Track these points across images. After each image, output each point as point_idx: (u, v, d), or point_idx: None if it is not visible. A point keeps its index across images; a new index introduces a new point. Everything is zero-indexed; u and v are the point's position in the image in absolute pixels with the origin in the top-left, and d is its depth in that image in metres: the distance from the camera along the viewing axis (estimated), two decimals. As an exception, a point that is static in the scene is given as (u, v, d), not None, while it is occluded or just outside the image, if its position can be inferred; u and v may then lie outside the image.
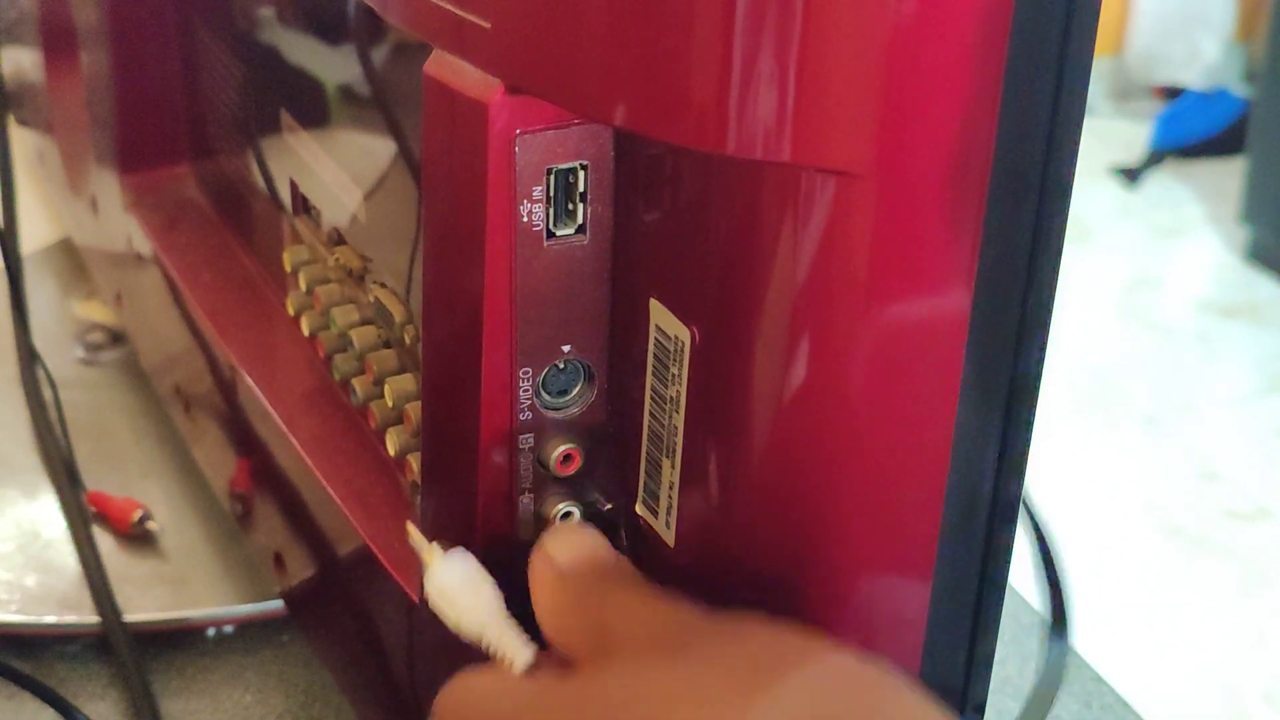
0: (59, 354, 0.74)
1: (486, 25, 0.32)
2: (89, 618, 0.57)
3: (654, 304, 0.34)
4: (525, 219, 0.34)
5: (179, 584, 0.60)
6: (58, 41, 0.72)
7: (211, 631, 0.58)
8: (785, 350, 0.31)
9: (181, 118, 0.65)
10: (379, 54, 0.43)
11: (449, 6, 0.33)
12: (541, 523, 0.38)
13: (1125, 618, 1.71)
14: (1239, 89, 2.94)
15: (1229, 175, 2.62)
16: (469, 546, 0.37)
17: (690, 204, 0.32)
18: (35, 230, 0.81)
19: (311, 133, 0.51)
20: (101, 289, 0.77)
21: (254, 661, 0.57)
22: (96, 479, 0.64)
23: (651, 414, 0.35)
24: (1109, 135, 2.92)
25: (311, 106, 0.51)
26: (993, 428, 0.32)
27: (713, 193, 0.31)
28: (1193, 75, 2.97)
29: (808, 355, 0.30)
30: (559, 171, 0.33)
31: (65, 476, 0.64)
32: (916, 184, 0.28)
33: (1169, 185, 2.76)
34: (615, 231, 0.35)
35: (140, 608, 0.58)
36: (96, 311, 0.77)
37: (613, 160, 0.34)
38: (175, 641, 0.57)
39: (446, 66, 0.34)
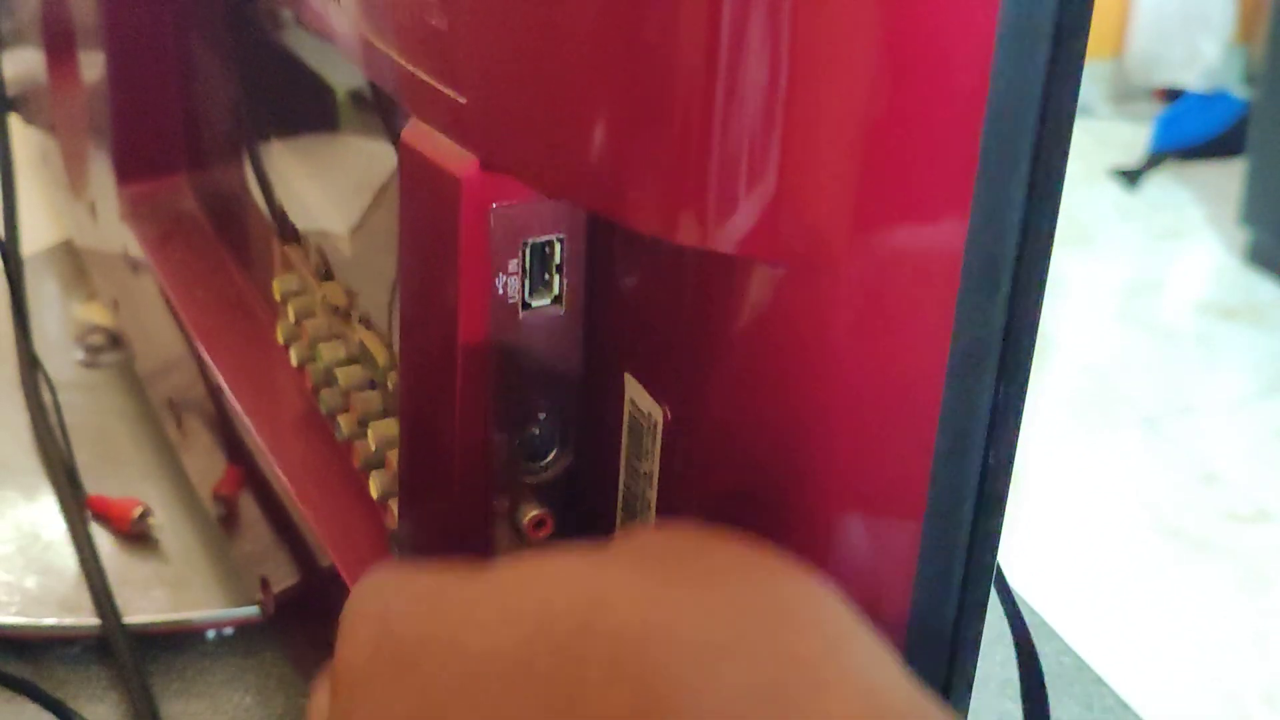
0: (59, 356, 0.74)
1: (463, 101, 0.32)
2: (89, 620, 0.57)
3: (628, 378, 0.34)
4: (500, 291, 0.33)
5: (179, 586, 0.60)
6: (59, 46, 0.72)
7: (211, 634, 0.58)
8: (755, 439, 0.31)
9: (179, 131, 0.65)
10: (369, 88, 0.43)
11: (427, 78, 0.33)
12: None
13: (1125, 619, 1.71)
14: (1239, 91, 2.94)
15: (1229, 177, 2.62)
16: None
17: (661, 283, 0.32)
18: (37, 231, 0.81)
19: (302, 162, 0.50)
20: (100, 292, 0.77)
21: (254, 664, 0.57)
22: (96, 481, 0.64)
23: (626, 485, 0.35)
24: (1109, 137, 2.92)
25: (301, 135, 0.51)
26: (960, 534, 0.32)
27: (683, 274, 0.31)
28: (1193, 77, 2.97)
29: (778, 444, 0.30)
30: (535, 245, 0.33)
31: (65, 479, 0.64)
32: (887, 279, 0.28)
33: (1169, 187, 2.77)
34: (590, 303, 0.35)
35: (140, 610, 0.58)
36: (97, 314, 0.77)
37: (589, 233, 0.34)
38: (175, 644, 0.57)
39: (424, 136, 0.34)
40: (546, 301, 0.34)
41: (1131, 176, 2.79)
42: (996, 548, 0.33)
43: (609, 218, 0.30)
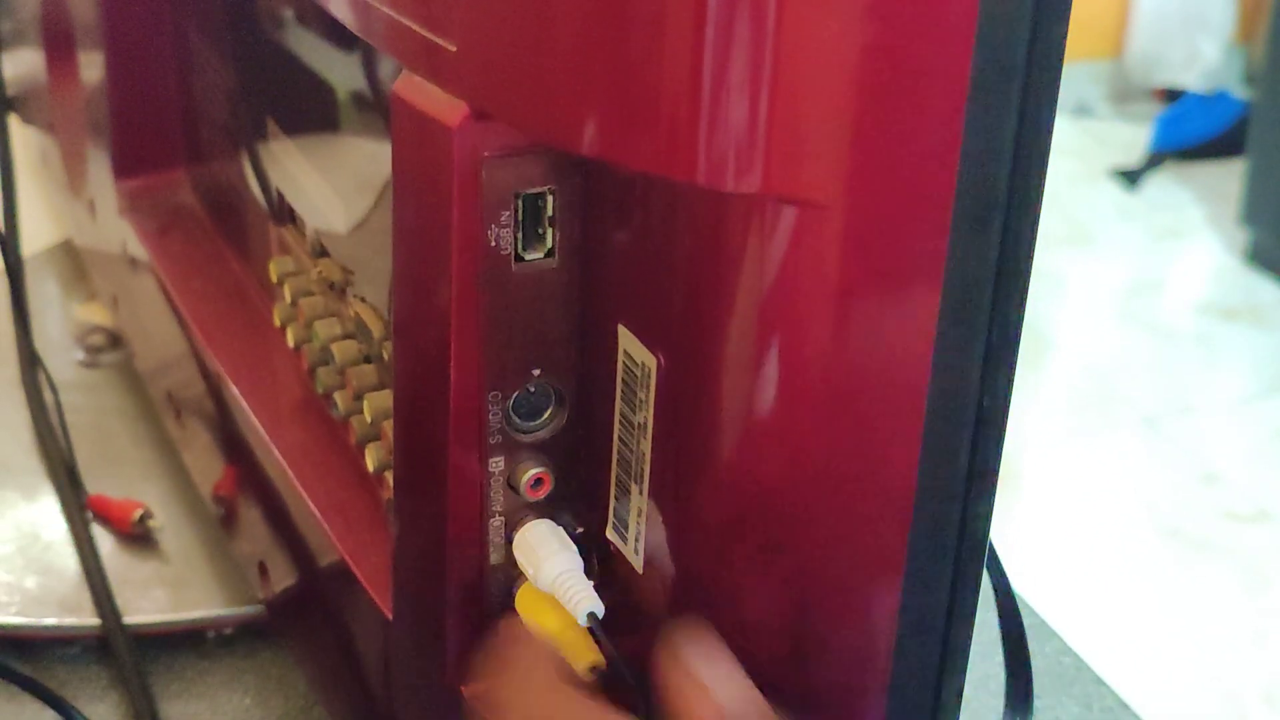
0: (60, 356, 0.74)
1: (453, 48, 0.32)
2: (89, 620, 0.57)
3: (622, 330, 0.34)
4: (493, 243, 0.33)
5: (179, 586, 0.60)
6: (58, 45, 0.72)
7: (211, 634, 0.58)
8: (748, 379, 0.31)
9: (177, 124, 0.65)
10: (361, 68, 0.43)
11: (417, 27, 0.33)
12: (512, 546, 0.37)
13: (1125, 620, 1.71)
14: (1239, 91, 2.94)
15: (1229, 177, 2.62)
16: (439, 568, 0.37)
17: (655, 231, 0.32)
18: (38, 232, 0.81)
19: (296, 143, 0.51)
20: (100, 290, 0.77)
21: (253, 664, 0.57)
22: (96, 481, 0.64)
23: (620, 439, 0.35)
24: (1109, 137, 2.92)
25: (296, 117, 0.51)
26: (960, 453, 0.32)
27: (677, 220, 0.31)
28: (1192, 77, 2.97)
29: (771, 385, 0.30)
30: (527, 196, 0.33)
31: (66, 478, 0.64)
32: (880, 214, 0.28)
33: (1169, 187, 2.76)
34: (584, 256, 0.34)
35: (140, 610, 0.58)
36: (97, 314, 0.77)
37: (581, 184, 0.34)
38: (175, 644, 0.57)
39: (415, 88, 0.34)
40: (540, 255, 0.34)
41: (1131, 177, 2.79)
42: (991, 501, 0.32)
43: (602, 159, 0.30)
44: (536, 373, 0.36)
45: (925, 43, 0.27)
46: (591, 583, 0.35)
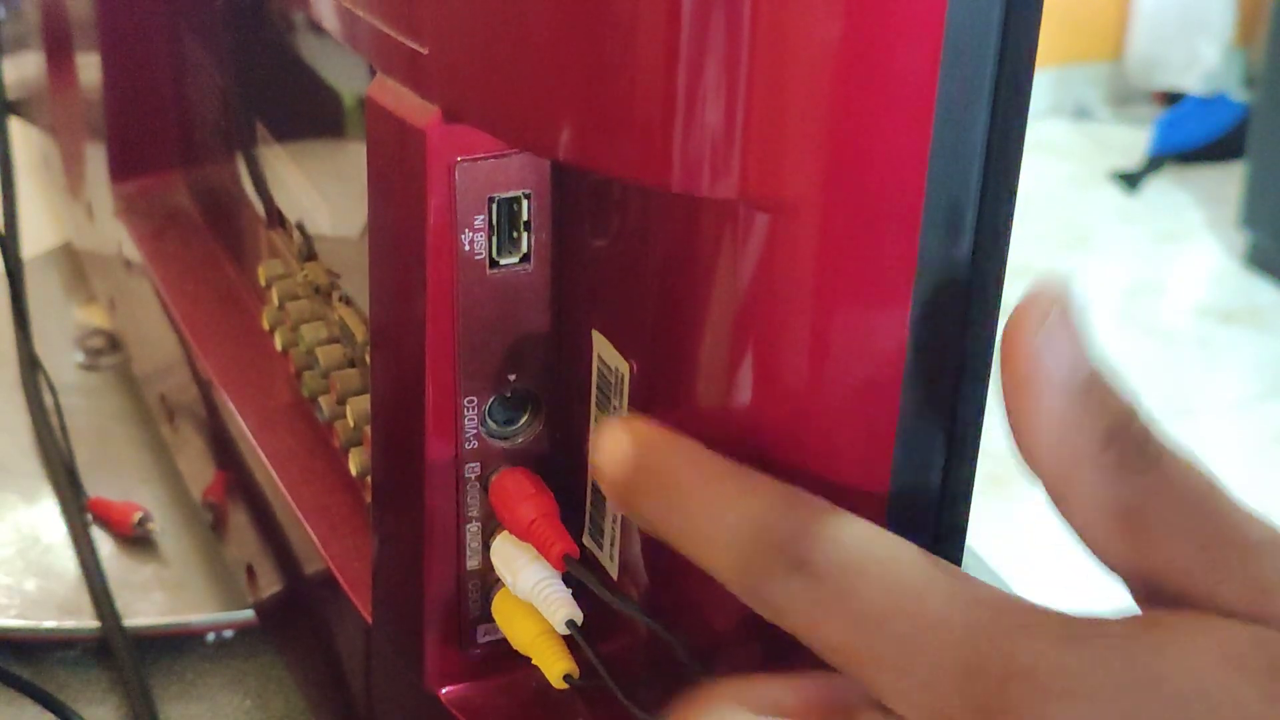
0: (60, 359, 0.74)
1: (424, 51, 0.32)
2: (88, 622, 0.57)
3: (596, 335, 0.34)
4: (467, 248, 0.33)
5: (179, 589, 0.60)
6: (57, 47, 0.72)
7: (211, 636, 0.58)
8: (720, 385, 0.31)
9: (172, 127, 0.65)
10: (344, 73, 0.43)
11: (389, 30, 0.33)
12: (489, 552, 0.37)
13: (1125, 623, 1.71)
14: (1238, 94, 2.95)
15: (1228, 180, 2.62)
16: (416, 573, 0.37)
17: (627, 235, 0.32)
18: (38, 234, 0.81)
19: (284, 146, 0.51)
20: (98, 293, 0.77)
21: (254, 667, 0.57)
22: (96, 484, 0.64)
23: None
24: (1108, 140, 2.92)
25: (283, 120, 0.51)
26: (934, 461, 0.31)
27: (651, 225, 0.31)
28: (1192, 80, 2.97)
29: (743, 391, 0.30)
30: (501, 200, 0.33)
31: (65, 481, 0.64)
32: (854, 217, 0.28)
33: (1168, 190, 2.77)
34: (559, 260, 0.34)
35: (140, 613, 0.58)
36: (97, 316, 0.77)
37: (556, 188, 0.34)
38: (175, 646, 0.57)
39: (389, 91, 0.33)
40: (514, 260, 0.34)
41: (1131, 180, 2.80)
42: (967, 511, 0.32)
43: (573, 164, 0.30)
44: (512, 378, 0.36)
45: (895, 42, 0.27)
46: (569, 590, 0.35)
